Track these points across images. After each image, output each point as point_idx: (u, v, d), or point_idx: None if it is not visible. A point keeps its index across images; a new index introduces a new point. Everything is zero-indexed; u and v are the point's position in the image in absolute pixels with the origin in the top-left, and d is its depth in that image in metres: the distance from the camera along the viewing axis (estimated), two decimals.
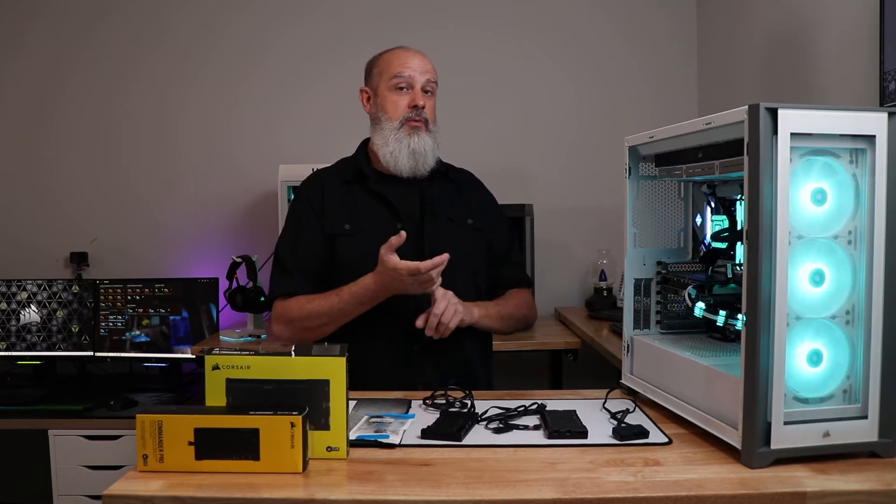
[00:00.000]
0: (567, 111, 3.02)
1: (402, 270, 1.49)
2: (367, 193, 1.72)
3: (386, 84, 1.72)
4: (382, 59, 1.75)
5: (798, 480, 0.97)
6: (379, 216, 1.69)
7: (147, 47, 2.99)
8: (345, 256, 1.67)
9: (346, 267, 1.66)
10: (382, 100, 1.72)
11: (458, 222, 1.74)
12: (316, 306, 1.62)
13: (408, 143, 1.68)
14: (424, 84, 1.70)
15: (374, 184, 1.72)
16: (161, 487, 0.98)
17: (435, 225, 1.70)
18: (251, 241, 2.94)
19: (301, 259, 1.69)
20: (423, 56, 1.74)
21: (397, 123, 1.69)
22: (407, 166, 1.69)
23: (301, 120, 3.00)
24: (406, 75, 1.69)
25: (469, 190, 1.82)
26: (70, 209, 3.01)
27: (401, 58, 1.72)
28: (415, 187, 1.72)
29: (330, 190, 1.74)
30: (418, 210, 1.71)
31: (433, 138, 1.71)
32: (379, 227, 1.66)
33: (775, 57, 2.30)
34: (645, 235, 1.44)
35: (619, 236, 1.46)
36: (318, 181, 1.78)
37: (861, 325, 1.05)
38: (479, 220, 1.78)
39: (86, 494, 2.35)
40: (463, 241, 1.72)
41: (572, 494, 0.95)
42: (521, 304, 1.80)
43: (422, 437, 1.17)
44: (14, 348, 2.76)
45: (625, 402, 1.37)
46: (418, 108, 1.68)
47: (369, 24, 2.96)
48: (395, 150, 1.68)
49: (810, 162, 1.04)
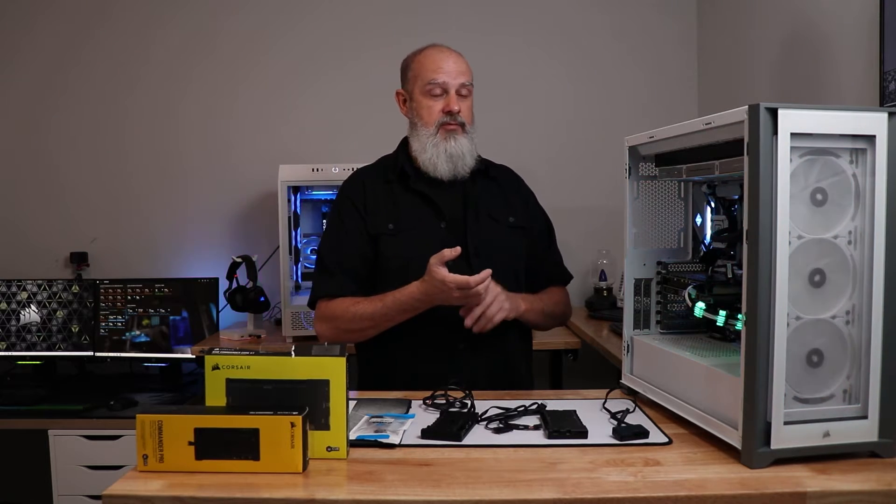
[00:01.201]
0: (567, 111, 3.02)
1: (451, 284, 1.49)
2: (409, 193, 1.72)
3: (420, 89, 1.71)
4: (416, 61, 1.74)
5: (798, 480, 0.97)
6: (422, 215, 1.69)
7: (147, 47, 2.99)
8: (388, 256, 1.66)
9: (389, 266, 1.66)
10: (418, 105, 1.72)
11: (500, 221, 1.74)
12: (361, 309, 1.62)
13: (444, 147, 1.68)
14: (459, 88, 1.69)
15: (416, 183, 1.71)
16: (161, 487, 0.98)
17: (478, 224, 1.70)
18: (251, 241, 2.94)
19: (344, 259, 1.69)
20: (457, 57, 1.72)
21: (433, 129, 1.69)
22: (446, 170, 1.69)
23: (301, 120, 3.00)
24: (440, 81, 1.68)
25: (509, 187, 1.83)
26: (70, 209, 3.01)
27: (435, 62, 1.70)
28: (457, 186, 1.72)
29: (372, 189, 1.73)
30: (461, 209, 1.71)
31: (470, 140, 1.71)
32: (422, 227, 1.67)
33: (775, 57, 2.30)
34: (645, 235, 1.44)
35: (619, 236, 1.45)
36: (359, 181, 1.77)
37: (861, 325, 1.05)
38: (520, 217, 1.78)
39: (86, 494, 2.35)
40: (505, 239, 1.73)
41: (572, 494, 0.95)
42: (559, 301, 1.82)
43: (422, 437, 1.17)
44: (14, 348, 2.76)
45: (625, 402, 1.37)
46: (453, 114, 1.68)
47: (369, 25, 2.97)
48: (433, 156, 1.68)
49: (810, 162, 1.04)
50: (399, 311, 1.59)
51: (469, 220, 1.70)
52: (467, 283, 1.48)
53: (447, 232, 1.68)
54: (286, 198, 2.45)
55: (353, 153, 1.79)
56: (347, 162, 2.45)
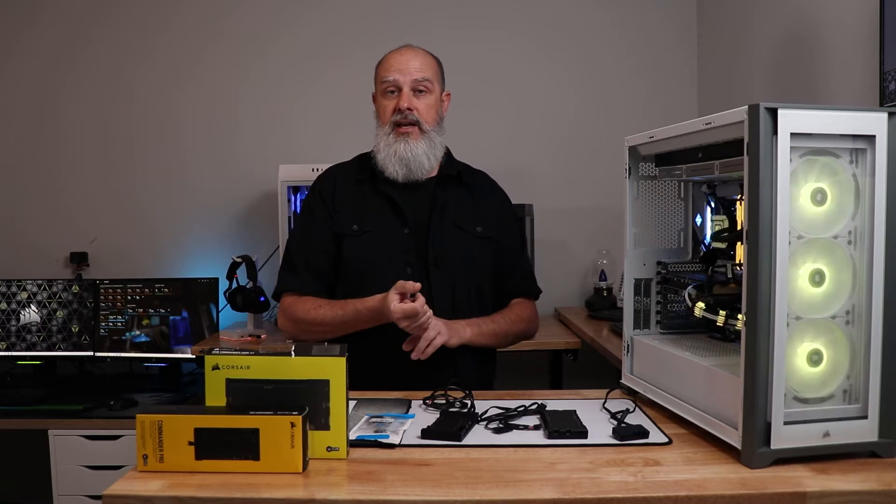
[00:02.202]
0: (567, 111, 3.02)
1: (397, 314, 1.46)
2: (377, 194, 1.70)
3: (378, 89, 1.72)
4: (380, 62, 1.74)
5: (798, 480, 0.97)
6: (386, 218, 1.68)
7: (147, 47, 2.99)
8: (349, 257, 1.66)
9: (348, 267, 1.65)
10: (377, 105, 1.73)
11: (465, 229, 1.70)
12: (322, 314, 1.62)
13: (395, 148, 1.66)
14: (413, 84, 1.67)
15: (384, 185, 1.70)
16: (161, 487, 0.98)
17: (441, 231, 1.68)
18: (251, 241, 2.94)
19: (309, 255, 1.68)
20: (414, 54, 1.70)
21: (388, 128, 1.68)
22: (400, 173, 1.67)
23: (301, 120, 3.00)
24: (391, 79, 1.67)
25: (482, 195, 1.78)
26: (70, 209, 3.01)
27: (390, 61, 1.70)
28: (425, 191, 1.70)
29: (343, 187, 1.72)
30: (426, 214, 1.69)
31: (428, 141, 1.68)
32: (385, 231, 1.65)
33: (775, 57, 2.30)
34: (645, 235, 1.44)
35: (619, 236, 1.45)
36: (332, 177, 1.76)
37: (861, 325, 1.05)
38: (489, 227, 1.73)
39: (86, 494, 2.35)
40: (469, 248, 1.69)
41: (572, 494, 0.95)
42: (521, 318, 1.75)
43: (422, 437, 1.17)
44: (14, 348, 2.76)
45: (625, 402, 1.37)
46: (403, 112, 1.66)
47: (370, 25, 2.96)
48: (385, 157, 1.67)
49: (810, 162, 1.03)
50: (358, 321, 1.58)
51: (433, 228, 1.67)
52: (414, 311, 1.45)
53: (410, 238, 1.66)
54: (286, 198, 2.46)
55: (352, 153, 1.78)
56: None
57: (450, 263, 1.66)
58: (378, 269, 1.56)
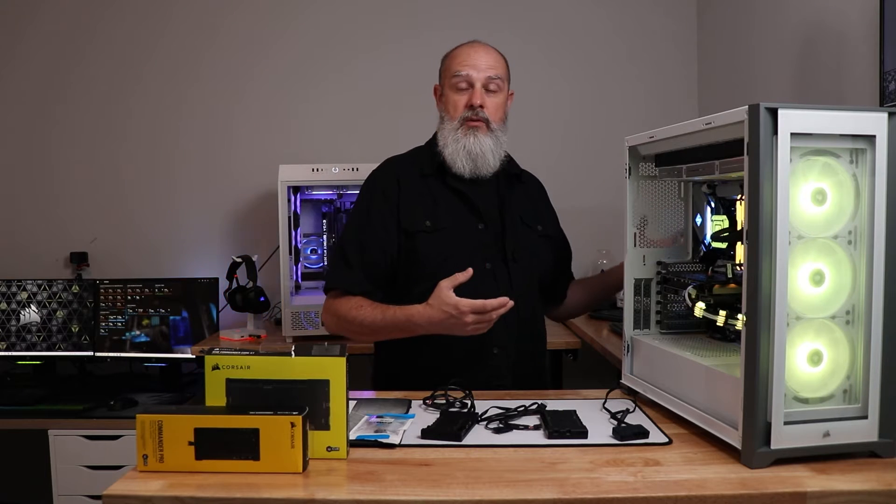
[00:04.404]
0: (567, 111, 3.02)
1: (465, 308, 1.41)
2: (446, 189, 1.67)
3: (448, 83, 1.68)
4: (449, 55, 1.71)
5: (798, 480, 0.97)
6: (460, 214, 1.65)
7: (147, 47, 2.99)
8: (425, 254, 1.61)
9: (423, 265, 1.61)
10: (445, 99, 1.69)
11: (531, 227, 1.72)
12: (362, 315, 1.57)
13: (464, 143, 1.64)
14: (486, 82, 1.65)
15: (454, 180, 1.66)
16: (161, 487, 0.98)
17: (514, 229, 1.67)
18: (251, 241, 2.94)
19: (365, 254, 1.63)
20: (488, 52, 1.68)
21: (456, 123, 1.65)
22: (466, 168, 1.64)
23: (301, 120, 3.00)
24: (464, 74, 1.65)
25: (538, 196, 1.81)
26: (70, 209, 3.01)
27: (462, 55, 1.67)
28: (489, 187, 1.68)
29: (406, 182, 1.68)
30: (496, 210, 1.68)
31: (494, 138, 1.66)
32: (460, 226, 1.63)
33: (775, 57, 2.30)
34: (645, 235, 1.44)
35: (619, 236, 1.45)
36: (392, 171, 1.71)
37: (861, 325, 1.05)
38: (547, 227, 1.77)
39: (86, 494, 2.35)
40: (535, 245, 1.71)
41: (572, 494, 0.95)
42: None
43: (422, 437, 1.17)
44: (14, 348, 2.76)
45: (625, 402, 1.37)
46: (475, 108, 1.64)
47: (370, 25, 2.97)
48: (453, 152, 1.64)
49: (810, 162, 1.04)
50: (394, 328, 1.54)
51: (507, 223, 1.67)
52: (483, 307, 1.40)
53: (485, 234, 1.65)
54: (286, 198, 2.45)
55: (353, 153, 1.79)
56: (347, 162, 2.45)
57: (525, 259, 1.67)
58: (457, 266, 1.49)
